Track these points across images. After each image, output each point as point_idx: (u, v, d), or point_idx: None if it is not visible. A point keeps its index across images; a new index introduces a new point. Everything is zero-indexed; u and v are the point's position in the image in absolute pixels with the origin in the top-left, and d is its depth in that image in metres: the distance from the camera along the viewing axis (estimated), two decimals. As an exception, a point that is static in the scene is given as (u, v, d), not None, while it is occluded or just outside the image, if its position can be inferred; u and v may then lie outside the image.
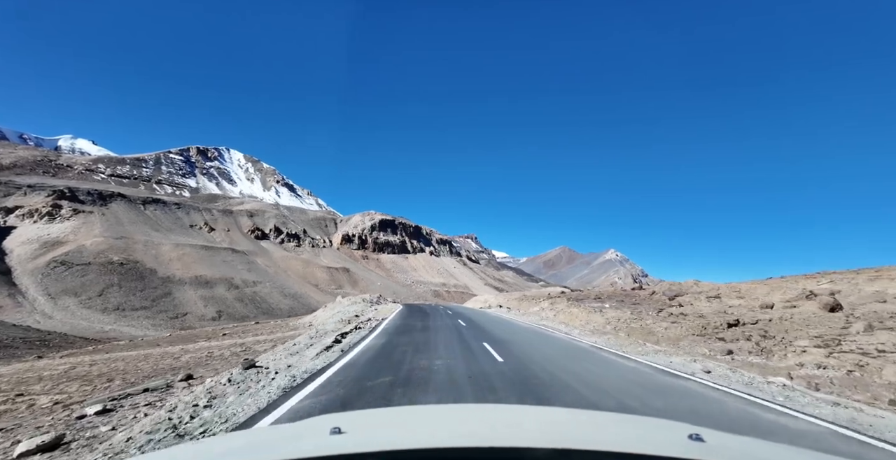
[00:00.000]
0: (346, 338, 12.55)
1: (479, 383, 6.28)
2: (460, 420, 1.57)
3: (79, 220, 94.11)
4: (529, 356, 9.19)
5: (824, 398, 5.96)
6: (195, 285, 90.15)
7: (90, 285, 73.81)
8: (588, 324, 17.43)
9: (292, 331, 25.59)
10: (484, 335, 13.55)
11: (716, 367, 8.17)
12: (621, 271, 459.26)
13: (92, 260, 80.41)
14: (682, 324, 13.86)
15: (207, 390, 6.02)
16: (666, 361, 9.00)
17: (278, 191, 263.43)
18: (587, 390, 5.97)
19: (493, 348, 10.24)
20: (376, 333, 13.96)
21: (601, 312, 19.50)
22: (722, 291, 23.73)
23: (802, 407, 5.40)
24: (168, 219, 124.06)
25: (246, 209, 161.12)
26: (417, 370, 7.30)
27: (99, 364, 16.09)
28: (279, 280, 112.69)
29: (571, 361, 8.67)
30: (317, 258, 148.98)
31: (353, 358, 8.79)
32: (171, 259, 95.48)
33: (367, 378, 6.64)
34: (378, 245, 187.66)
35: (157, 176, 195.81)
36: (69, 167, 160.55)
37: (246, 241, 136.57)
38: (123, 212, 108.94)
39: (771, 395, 6.03)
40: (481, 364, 8.02)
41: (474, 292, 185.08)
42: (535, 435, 1.27)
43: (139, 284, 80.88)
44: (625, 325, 15.26)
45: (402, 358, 8.66)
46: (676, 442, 1.14)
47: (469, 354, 9.29)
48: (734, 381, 6.95)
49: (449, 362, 8.15)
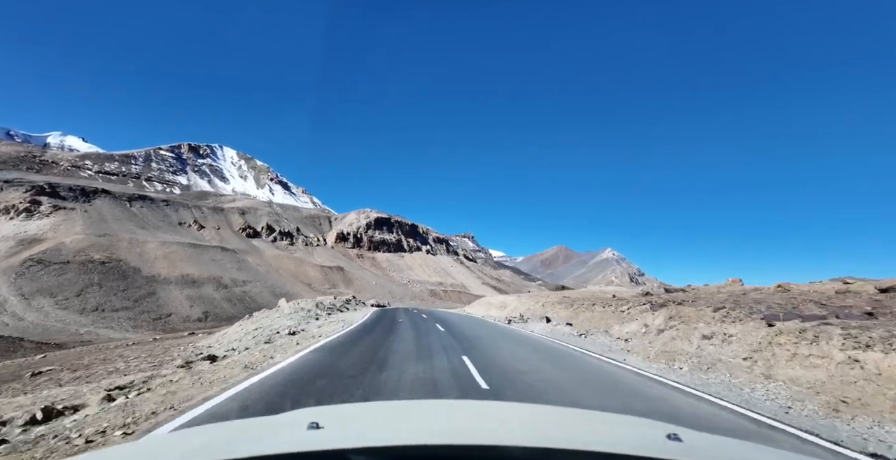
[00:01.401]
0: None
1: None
2: (442, 416, 1.53)
3: (59, 217, 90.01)
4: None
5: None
6: (181, 284, 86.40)
7: (68, 285, 69.96)
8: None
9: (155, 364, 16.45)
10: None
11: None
12: (618, 270, 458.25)
13: (71, 258, 76.49)
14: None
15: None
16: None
17: (272, 189, 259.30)
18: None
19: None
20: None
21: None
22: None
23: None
24: (155, 216, 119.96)
25: (237, 206, 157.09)
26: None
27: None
28: (270, 279, 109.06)
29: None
30: (310, 257, 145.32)
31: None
32: (156, 257, 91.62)
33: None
34: (374, 243, 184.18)
35: (146, 173, 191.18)
36: (54, 163, 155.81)
37: (237, 239, 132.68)
38: (108, 209, 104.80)
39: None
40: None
41: (472, 291, 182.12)
42: (516, 433, 1.26)
43: (121, 284, 77.06)
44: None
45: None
46: (655, 441, 1.15)
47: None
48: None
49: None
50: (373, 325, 17.52)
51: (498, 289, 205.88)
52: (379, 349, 10.14)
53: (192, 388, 6.10)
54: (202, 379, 6.78)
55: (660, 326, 11.18)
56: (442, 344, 11.48)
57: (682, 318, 10.95)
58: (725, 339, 8.86)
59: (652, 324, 11.66)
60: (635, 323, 12.77)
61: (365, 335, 13.58)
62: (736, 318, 9.50)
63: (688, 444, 1.11)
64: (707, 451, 1.13)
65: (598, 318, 15.83)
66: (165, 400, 5.38)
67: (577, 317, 17.63)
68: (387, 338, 12.57)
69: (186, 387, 6.19)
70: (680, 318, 11.02)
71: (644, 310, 13.52)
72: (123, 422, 4.50)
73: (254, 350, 11.05)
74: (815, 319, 8.57)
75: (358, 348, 10.30)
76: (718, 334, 9.13)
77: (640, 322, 12.47)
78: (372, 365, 7.78)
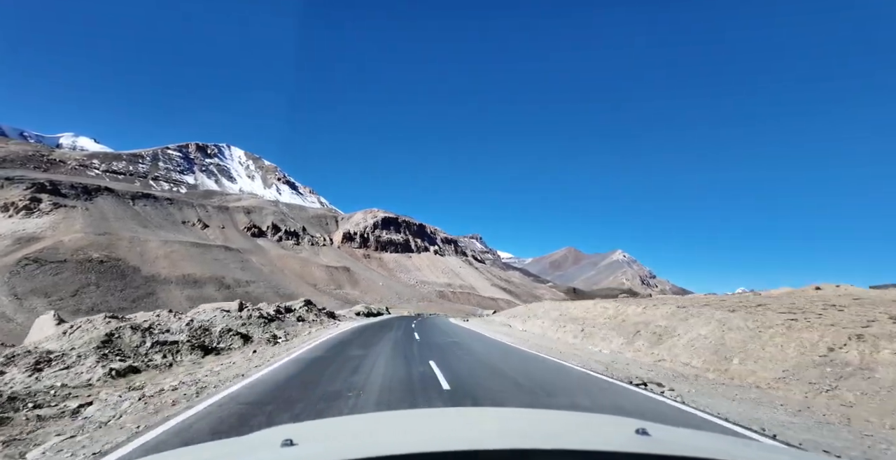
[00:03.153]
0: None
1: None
2: (417, 425, 1.54)
3: (59, 215, 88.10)
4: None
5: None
6: (182, 284, 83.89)
7: (64, 284, 67.54)
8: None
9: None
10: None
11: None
12: (629, 272, 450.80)
13: (69, 257, 74.18)
14: None
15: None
16: None
17: (279, 189, 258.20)
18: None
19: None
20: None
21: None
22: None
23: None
24: (159, 214, 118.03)
25: (243, 205, 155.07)
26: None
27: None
28: (274, 279, 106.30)
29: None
30: (316, 257, 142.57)
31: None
32: (157, 256, 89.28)
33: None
34: (381, 243, 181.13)
35: (153, 172, 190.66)
36: (62, 162, 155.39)
37: (241, 239, 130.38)
38: (110, 208, 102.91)
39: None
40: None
41: (481, 293, 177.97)
42: (492, 437, 1.28)
43: (119, 283, 74.62)
44: None
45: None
46: (625, 436, 1.20)
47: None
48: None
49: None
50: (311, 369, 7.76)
51: (507, 290, 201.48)
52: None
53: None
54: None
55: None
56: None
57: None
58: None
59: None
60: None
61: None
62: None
63: (655, 438, 1.16)
64: (674, 444, 1.19)
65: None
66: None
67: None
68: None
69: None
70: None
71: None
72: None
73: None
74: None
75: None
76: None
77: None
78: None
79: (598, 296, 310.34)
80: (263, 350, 12.17)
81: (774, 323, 9.93)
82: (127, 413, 5.20)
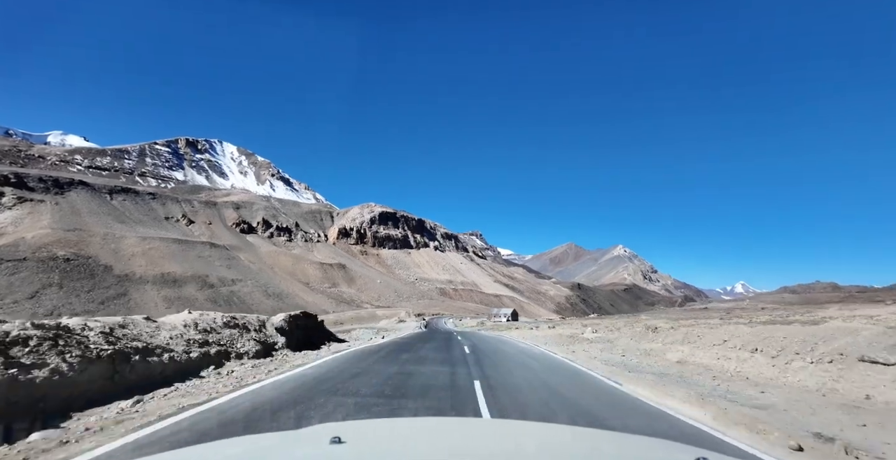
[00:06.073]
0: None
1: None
2: (462, 435, 1.53)
3: (24, 210, 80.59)
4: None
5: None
6: (160, 284, 76.53)
7: (21, 285, 60.10)
8: None
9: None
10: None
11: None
12: (630, 268, 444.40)
13: (29, 255, 66.67)
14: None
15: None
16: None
17: (273, 185, 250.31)
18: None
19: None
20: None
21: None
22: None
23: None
24: (139, 210, 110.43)
25: (232, 200, 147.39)
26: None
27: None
28: (263, 277, 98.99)
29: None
30: (310, 253, 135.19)
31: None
32: (133, 254, 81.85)
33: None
34: (378, 239, 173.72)
35: (140, 168, 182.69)
36: (41, 158, 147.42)
37: (229, 235, 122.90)
38: (83, 202, 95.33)
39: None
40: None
41: (484, 290, 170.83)
42: (534, 455, 1.23)
43: (87, 283, 67.23)
44: None
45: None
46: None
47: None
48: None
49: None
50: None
51: (511, 287, 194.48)
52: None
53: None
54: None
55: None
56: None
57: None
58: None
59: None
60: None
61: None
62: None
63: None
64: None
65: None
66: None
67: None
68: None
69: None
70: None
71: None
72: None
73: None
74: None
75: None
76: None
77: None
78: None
79: (604, 291, 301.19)
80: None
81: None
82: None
